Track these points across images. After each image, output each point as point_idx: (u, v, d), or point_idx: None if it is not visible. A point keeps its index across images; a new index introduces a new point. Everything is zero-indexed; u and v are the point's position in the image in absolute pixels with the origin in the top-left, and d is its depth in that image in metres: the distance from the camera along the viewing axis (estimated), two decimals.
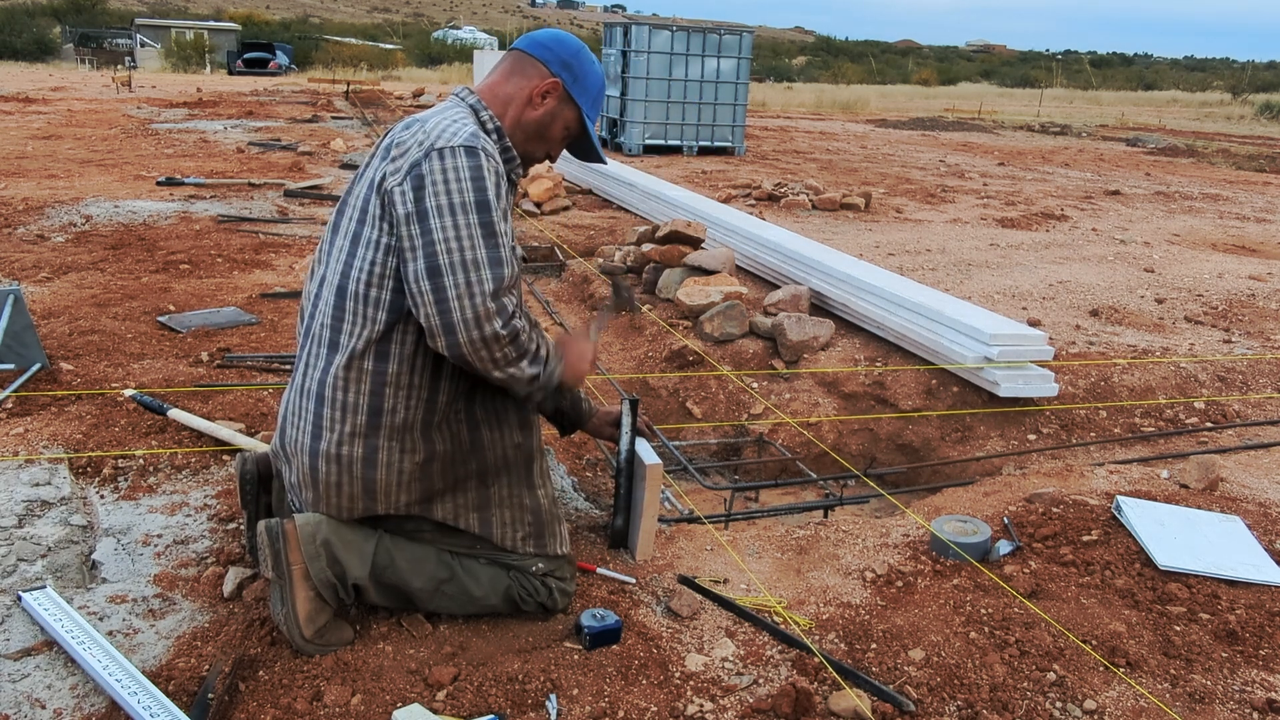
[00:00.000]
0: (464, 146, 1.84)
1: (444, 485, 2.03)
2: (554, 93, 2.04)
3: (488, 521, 2.08)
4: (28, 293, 4.35)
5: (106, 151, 9.58)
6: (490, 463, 2.07)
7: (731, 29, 12.85)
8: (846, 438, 4.06)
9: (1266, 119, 29.23)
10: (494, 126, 2.00)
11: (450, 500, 2.05)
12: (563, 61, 2.04)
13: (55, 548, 2.30)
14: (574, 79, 2.05)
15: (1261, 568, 2.39)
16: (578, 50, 2.07)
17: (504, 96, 2.03)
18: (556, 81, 2.03)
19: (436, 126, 1.88)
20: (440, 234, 1.78)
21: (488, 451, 2.06)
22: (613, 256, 5.92)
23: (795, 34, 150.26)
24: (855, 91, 32.42)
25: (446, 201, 1.79)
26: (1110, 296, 5.42)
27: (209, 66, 35.26)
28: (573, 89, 2.05)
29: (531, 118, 2.04)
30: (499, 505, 2.10)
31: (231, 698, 1.82)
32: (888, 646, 2.11)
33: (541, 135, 2.07)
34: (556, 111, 2.05)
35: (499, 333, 1.79)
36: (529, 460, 2.15)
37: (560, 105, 2.05)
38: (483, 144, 1.87)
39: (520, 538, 2.11)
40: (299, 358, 2.04)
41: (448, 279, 1.77)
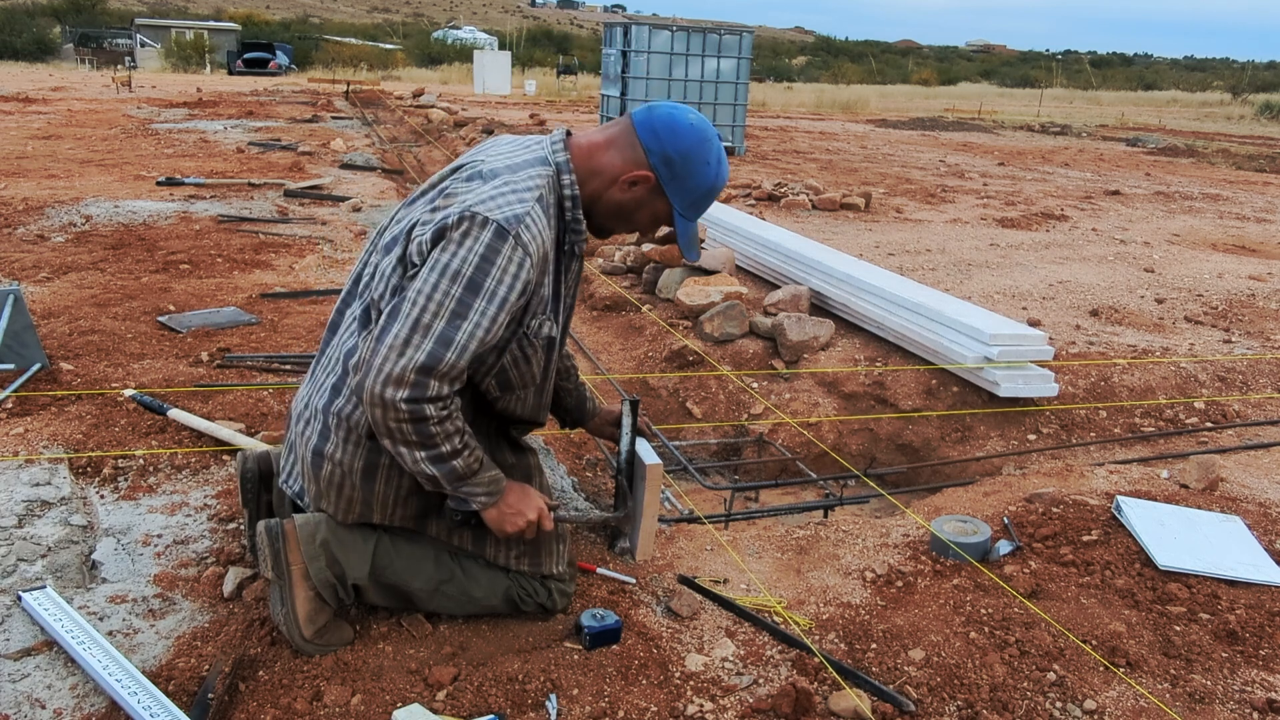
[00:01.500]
0: (498, 224, 1.73)
1: (440, 500, 2.00)
2: (644, 184, 1.90)
3: (481, 540, 2.06)
4: (28, 293, 4.35)
5: (106, 151, 9.58)
6: None
7: (731, 29, 12.86)
8: (846, 438, 4.06)
9: (1266, 119, 29.24)
10: (571, 195, 1.88)
11: (445, 518, 2.03)
12: (665, 157, 1.88)
13: (55, 548, 2.30)
14: (671, 176, 1.90)
15: (1261, 568, 2.39)
16: (688, 150, 1.88)
17: (596, 166, 1.90)
18: (649, 175, 1.89)
19: (494, 190, 1.78)
20: (420, 283, 1.72)
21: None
22: (613, 256, 5.93)
23: (795, 34, 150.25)
24: (855, 91, 32.43)
25: (446, 260, 1.72)
26: (1110, 296, 5.42)
27: (209, 66, 35.27)
28: (667, 186, 1.91)
29: (616, 199, 1.92)
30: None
31: (231, 698, 1.82)
32: (888, 646, 2.11)
33: (625, 218, 1.96)
34: (644, 201, 1.93)
35: (397, 403, 1.70)
36: (527, 479, 2.12)
37: (650, 196, 1.92)
38: (523, 228, 1.75)
39: (514, 556, 2.08)
40: (320, 352, 2.03)
41: (397, 325, 1.72)
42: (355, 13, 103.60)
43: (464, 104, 20.32)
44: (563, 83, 30.26)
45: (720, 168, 1.93)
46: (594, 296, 5.52)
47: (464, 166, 1.90)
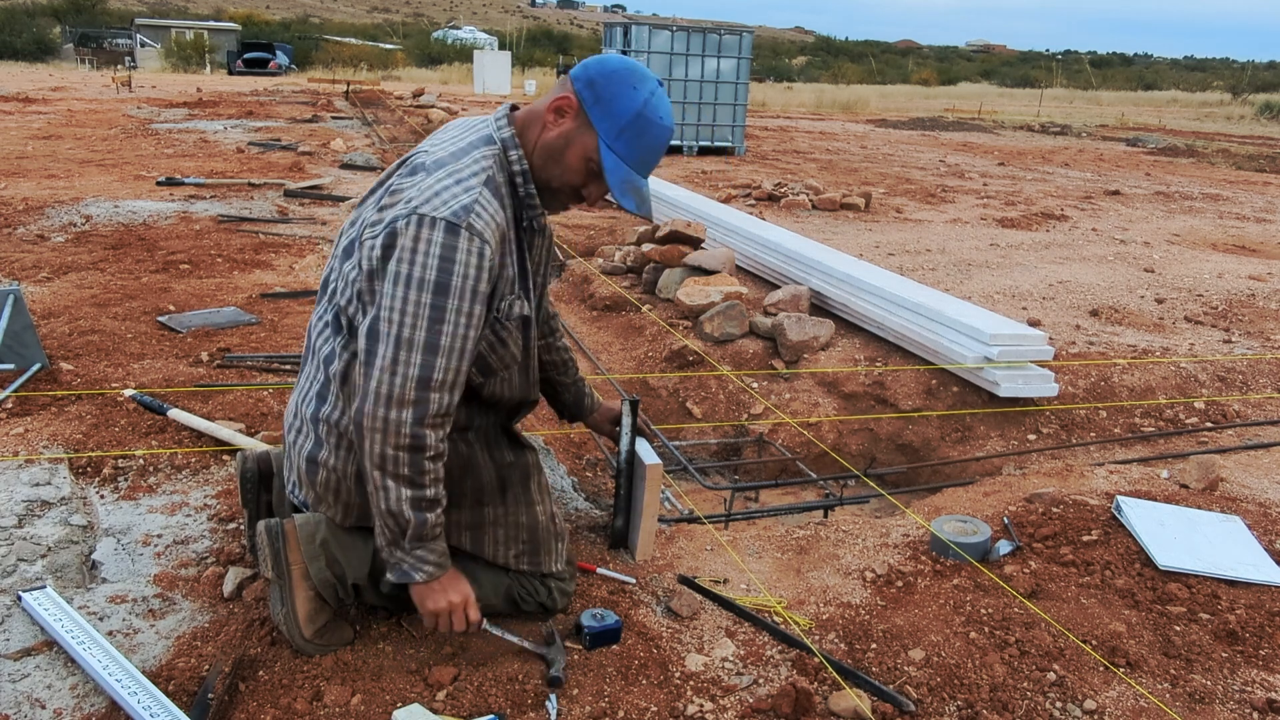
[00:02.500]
0: (446, 221, 1.67)
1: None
2: (569, 112, 1.78)
3: (480, 540, 2.05)
4: (28, 293, 4.35)
5: (106, 151, 9.58)
6: (485, 482, 2.04)
7: (731, 29, 12.86)
8: (846, 438, 4.06)
9: (1266, 119, 29.24)
10: (521, 169, 1.82)
11: (446, 517, 2.00)
12: (589, 79, 1.76)
13: (55, 548, 2.30)
14: (595, 99, 1.76)
15: (1261, 568, 2.39)
16: (612, 72, 1.76)
17: (534, 115, 1.83)
18: (570, 98, 1.77)
19: (437, 183, 1.72)
20: (389, 299, 1.68)
21: (482, 471, 2.02)
22: (613, 256, 5.92)
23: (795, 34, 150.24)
24: (855, 91, 32.43)
25: (407, 270, 1.67)
26: (1110, 296, 5.42)
27: (209, 66, 35.27)
28: (591, 110, 1.76)
29: (547, 139, 1.81)
30: (493, 524, 2.06)
31: (231, 698, 1.82)
32: (888, 646, 2.11)
33: (556, 161, 1.82)
34: (572, 135, 1.79)
35: (400, 425, 1.67)
36: (525, 477, 2.11)
37: (577, 129, 1.78)
38: (474, 217, 1.69)
39: (513, 555, 2.08)
40: (302, 364, 2.04)
41: (381, 346, 1.69)
42: (355, 13, 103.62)
43: (464, 104, 20.32)
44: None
45: (653, 99, 1.77)
46: (594, 296, 5.52)
47: (410, 159, 1.84)
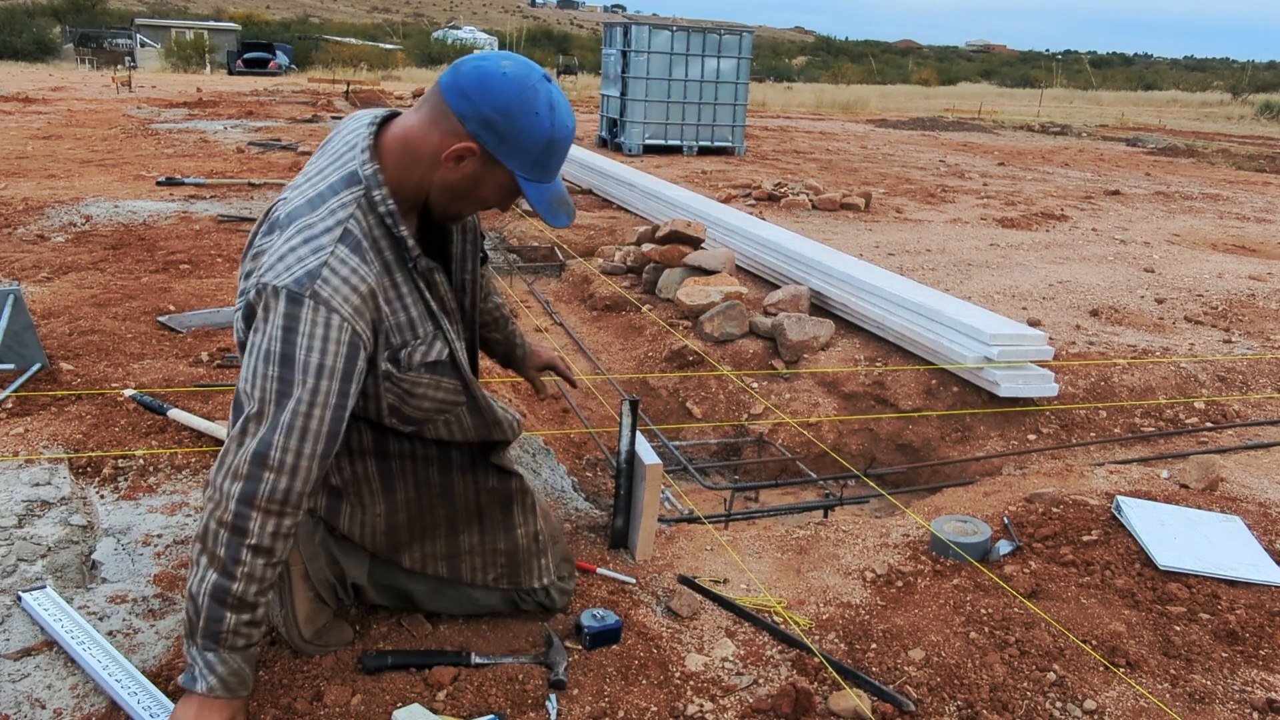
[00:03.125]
0: (288, 290, 1.52)
1: (410, 536, 1.96)
2: (471, 157, 1.62)
3: (456, 569, 2.02)
4: (28, 293, 4.35)
5: (106, 151, 9.58)
6: (460, 509, 1.97)
7: (731, 29, 12.86)
8: (846, 438, 4.06)
9: (1266, 119, 29.23)
10: (388, 211, 1.63)
11: (418, 549, 1.98)
12: (484, 120, 1.58)
13: (55, 548, 2.30)
14: (499, 140, 1.60)
15: (1261, 568, 2.39)
16: (507, 105, 1.58)
17: (415, 152, 1.63)
18: (472, 147, 1.60)
19: (286, 244, 1.58)
20: (243, 370, 1.58)
21: (458, 498, 1.96)
22: (613, 256, 5.92)
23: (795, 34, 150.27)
24: (855, 91, 32.43)
25: (256, 340, 1.55)
26: (1110, 296, 5.42)
27: (209, 66, 35.27)
28: (498, 151, 1.61)
29: (446, 181, 1.65)
30: (469, 553, 2.02)
31: None
32: (888, 646, 2.11)
33: (465, 197, 1.68)
34: (480, 176, 1.65)
35: (228, 498, 1.53)
36: (506, 503, 2.02)
37: (484, 168, 1.64)
38: (320, 284, 1.53)
39: (492, 578, 2.05)
40: None
41: (233, 415, 1.59)
42: (355, 13, 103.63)
43: None
44: (563, 83, 30.26)
45: (555, 114, 1.62)
46: (594, 296, 5.52)
47: (272, 209, 1.70)
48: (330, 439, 1.58)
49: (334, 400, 1.56)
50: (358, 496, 1.89)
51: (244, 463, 1.53)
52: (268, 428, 1.53)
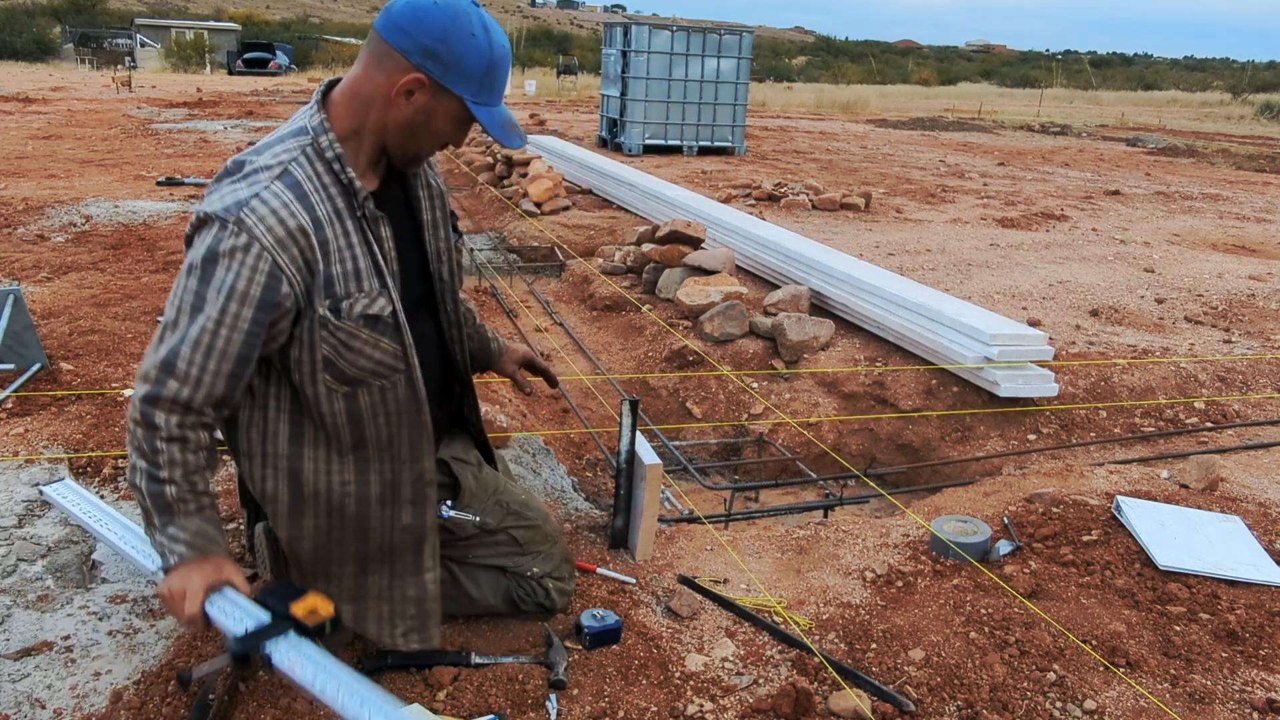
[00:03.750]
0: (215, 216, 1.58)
1: (315, 569, 1.85)
2: (420, 89, 1.65)
3: (362, 615, 1.89)
4: (28, 293, 4.35)
5: (106, 151, 9.58)
6: (372, 547, 1.86)
7: (731, 29, 12.86)
8: (846, 438, 4.06)
9: (1266, 119, 29.24)
10: (335, 154, 1.67)
11: (324, 586, 1.84)
12: (425, 49, 1.62)
13: (55, 547, 2.30)
14: (444, 68, 1.63)
15: (1261, 568, 2.39)
16: (444, 31, 1.62)
17: (364, 97, 1.67)
18: (419, 77, 1.63)
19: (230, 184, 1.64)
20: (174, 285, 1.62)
21: (373, 533, 1.84)
22: (613, 256, 5.93)
23: (795, 34, 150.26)
24: (855, 91, 32.43)
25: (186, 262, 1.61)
26: (1110, 296, 5.42)
27: (209, 66, 35.27)
28: (444, 79, 1.64)
29: (399, 119, 1.68)
30: (376, 597, 1.89)
31: (232, 698, 1.82)
32: (888, 646, 2.11)
33: (420, 134, 1.71)
34: (431, 108, 1.67)
35: (137, 400, 1.60)
36: (419, 542, 1.90)
37: (434, 100, 1.66)
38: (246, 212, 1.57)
39: (401, 634, 1.91)
40: None
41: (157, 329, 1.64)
42: (355, 13, 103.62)
43: None
44: (563, 83, 30.25)
45: (491, 34, 1.66)
46: (594, 296, 5.52)
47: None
48: (239, 362, 1.61)
49: (245, 326, 1.59)
50: (271, 514, 1.82)
51: (152, 367, 1.59)
52: (178, 338, 1.58)
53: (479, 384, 3.72)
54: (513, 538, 2.10)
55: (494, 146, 10.92)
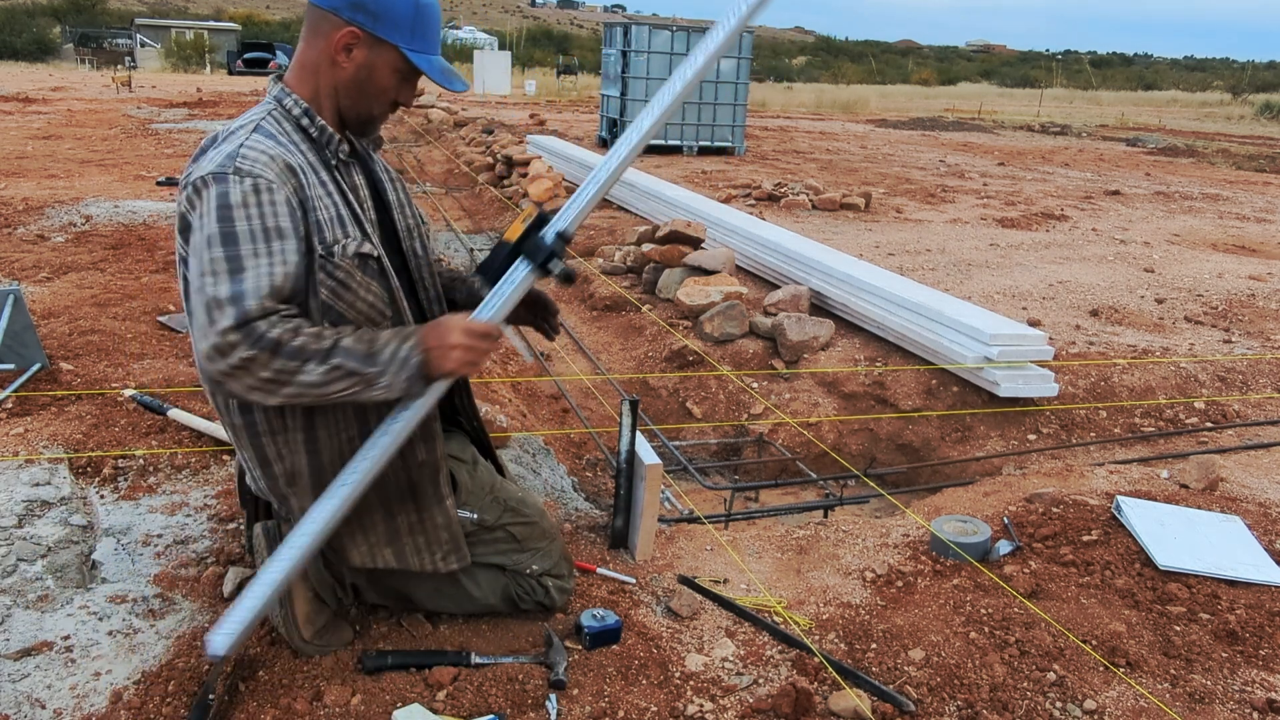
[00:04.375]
0: (213, 174, 1.61)
1: (347, 527, 1.86)
2: (357, 43, 1.73)
3: (402, 553, 1.95)
4: (28, 293, 4.35)
5: (106, 151, 9.58)
6: (394, 490, 1.91)
7: None
8: (846, 438, 4.06)
9: (1266, 119, 29.24)
10: (301, 109, 1.76)
11: (363, 540, 1.91)
12: (352, 3, 1.70)
13: (55, 548, 2.30)
14: (374, 18, 1.71)
15: (1261, 568, 2.39)
16: None
17: (310, 65, 1.76)
18: (353, 30, 1.71)
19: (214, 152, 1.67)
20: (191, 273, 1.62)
21: (390, 479, 1.88)
22: (613, 256, 5.93)
23: (795, 34, 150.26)
24: (855, 92, 32.44)
25: (198, 238, 1.61)
26: (1110, 296, 5.42)
27: (209, 66, 35.27)
28: (378, 29, 1.72)
29: (345, 78, 1.75)
30: (409, 533, 1.95)
31: (232, 698, 1.82)
32: (888, 646, 2.11)
33: (367, 90, 1.77)
34: (371, 62, 1.74)
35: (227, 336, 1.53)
36: (435, 474, 1.95)
37: (372, 53, 1.74)
38: (240, 160, 1.62)
39: (440, 558, 1.97)
40: None
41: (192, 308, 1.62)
42: None
43: (464, 104, 20.32)
44: (563, 83, 30.26)
45: None
46: (594, 296, 5.52)
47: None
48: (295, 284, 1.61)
49: (290, 258, 1.61)
50: (295, 489, 1.84)
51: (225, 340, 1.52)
52: (230, 301, 1.54)
53: (477, 384, 3.73)
54: (511, 534, 2.10)
55: (494, 146, 10.91)
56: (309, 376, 1.58)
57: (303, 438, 1.79)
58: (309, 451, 1.80)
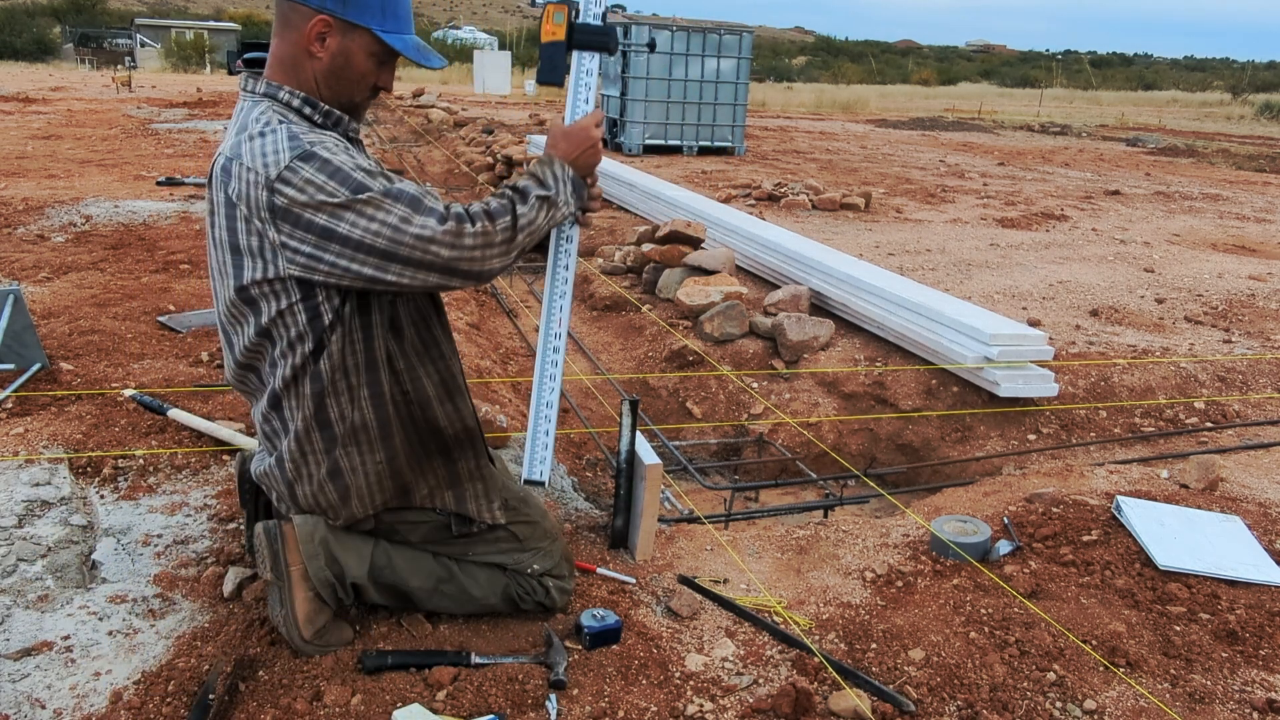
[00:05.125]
0: (296, 158, 1.65)
1: (413, 475, 1.97)
2: (329, 31, 1.73)
3: (462, 498, 2.03)
4: (28, 293, 4.35)
5: (106, 151, 9.58)
6: (451, 437, 2.00)
7: (731, 29, 12.85)
8: (846, 438, 4.06)
9: (1266, 119, 29.24)
10: (302, 99, 1.77)
11: (424, 483, 1.99)
12: None
13: (55, 548, 2.30)
14: (343, 3, 1.71)
15: (1261, 568, 2.39)
16: None
17: (289, 61, 1.76)
18: (324, 18, 1.72)
19: (257, 154, 1.67)
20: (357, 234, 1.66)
21: (445, 429, 1.98)
22: (613, 256, 5.92)
23: (795, 34, 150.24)
24: (855, 91, 32.44)
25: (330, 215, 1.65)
26: (1110, 296, 5.42)
27: (209, 66, 35.27)
28: (348, 13, 1.72)
29: (323, 69, 1.76)
30: (469, 479, 2.04)
31: (232, 698, 1.82)
32: (888, 646, 2.11)
33: (346, 77, 1.79)
34: (346, 48, 1.75)
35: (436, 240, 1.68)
36: (481, 428, 2.09)
37: (346, 40, 1.75)
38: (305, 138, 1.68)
39: (498, 507, 2.06)
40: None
41: (406, 254, 1.68)
42: None
43: (464, 104, 20.33)
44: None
45: None
46: (594, 296, 5.52)
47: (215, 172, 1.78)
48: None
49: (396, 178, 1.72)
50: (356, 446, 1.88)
51: (438, 235, 1.68)
52: (413, 219, 1.67)
53: (477, 384, 3.73)
54: (512, 534, 2.11)
55: (494, 146, 10.91)
56: (524, 218, 1.78)
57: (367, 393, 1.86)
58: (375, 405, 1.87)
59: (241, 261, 1.74)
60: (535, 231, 1.82)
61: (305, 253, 1.69)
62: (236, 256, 1.75)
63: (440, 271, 1.72)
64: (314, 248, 1.68)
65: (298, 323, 1.79)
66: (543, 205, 1.82)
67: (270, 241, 1.70)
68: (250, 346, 1.84)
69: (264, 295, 1.76)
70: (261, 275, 1.73)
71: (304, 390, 1.83)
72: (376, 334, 1.84)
